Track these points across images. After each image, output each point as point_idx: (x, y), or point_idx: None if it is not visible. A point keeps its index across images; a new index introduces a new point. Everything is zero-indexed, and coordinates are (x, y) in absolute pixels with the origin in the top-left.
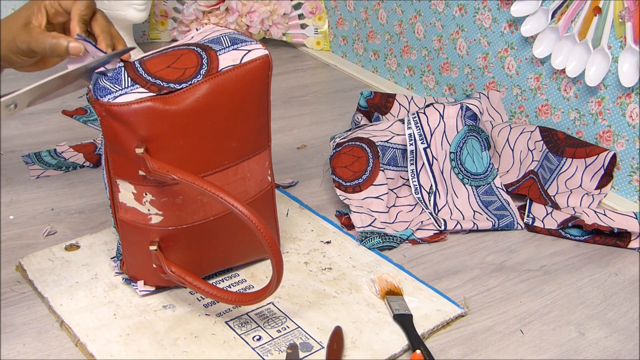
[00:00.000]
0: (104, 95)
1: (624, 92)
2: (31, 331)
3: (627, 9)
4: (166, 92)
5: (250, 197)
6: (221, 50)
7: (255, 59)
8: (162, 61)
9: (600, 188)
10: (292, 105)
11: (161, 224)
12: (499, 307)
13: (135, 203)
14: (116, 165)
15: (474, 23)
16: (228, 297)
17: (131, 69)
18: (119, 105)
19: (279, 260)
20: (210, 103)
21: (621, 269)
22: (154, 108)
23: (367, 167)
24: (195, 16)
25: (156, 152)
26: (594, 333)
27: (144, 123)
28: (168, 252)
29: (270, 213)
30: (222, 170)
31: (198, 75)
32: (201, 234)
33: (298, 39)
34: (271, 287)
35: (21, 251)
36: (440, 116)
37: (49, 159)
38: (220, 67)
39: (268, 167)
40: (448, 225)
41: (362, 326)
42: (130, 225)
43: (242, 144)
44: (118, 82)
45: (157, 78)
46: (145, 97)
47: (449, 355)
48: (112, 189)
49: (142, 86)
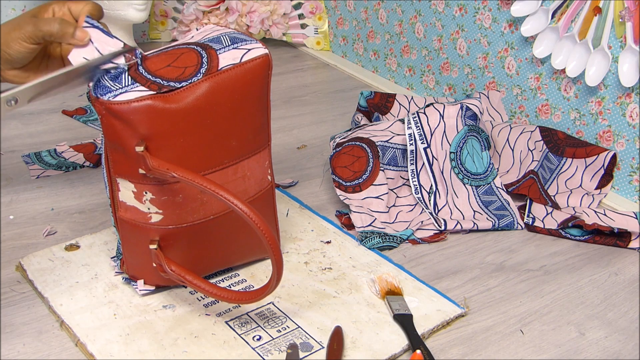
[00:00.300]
0: (104, 93)
1: (624, 92)
2: (31, 331)
3: (627, 9)
4: (166, 90)
5: (250, 196)
6: (221, 49)
7: (255, 58)
8: (162, 60)
9: (600, 188)
10: (292, 105)
11: (161, 222)
12: (499, 307)
13: (135, 202)
14: (116, 163)
15: (474, 23)
16: (228, 296)
17: (131, 67)
18: (119, 103)
19: (279, 258)
20: (210, 102)
21: (621, 269)
22: (154, 106)
23: (367, 167)
24: (195, 16)
25: (156, 151)
26: (594, 333)
27: (144, 121)
28: (168, 251)
29: (270, 213)
30: (221, 169)
31: (198, 73)
32: (201, 233)
33: (298, 39)
34: (271, 285)
35: (21, 251)
36: (440, 116)
37: (49, 159)
38: (220, 65)
39: (268, 167)
40: (448, 225)
41: (362, 326)
42: (130, 224)
43: (241, 143)
44: (118, 81)
45: (157, 76)
46: (146, 95)
47: (449, 355)
48: (112, 187)
49: (142, 84)
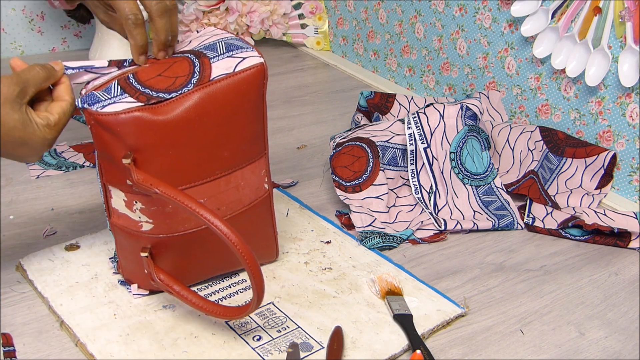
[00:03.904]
0: (93, 103)
1: (624, 92)
2: (31, 331)
3: (627, 8)
4: (155, 102)
5: (244, 205)
6: (215, 58)
7: (249, 68)
8: (153, 69)
9: (600, 188)
10: (292, 105)
11: (152, 231)
12: (499, 307)
13: (126, 210)
14: (107, 172)
15: (474, 23)
16: (213, 310)
17: (122, 76)
18: (107, 114)
19: (259, 281)
20: (200, 113)
21: (621, 269)
22: (142, 118)
23: (367, 167)
24: (195, 16)
25: (144, 162)
26: (594, 333)
27: (132, 133)
28: (160, 258)
29: (268, 219)
30: (213, 180)
31: (189, 84)
32: (193, 242)
33: (298, 39)
34: (251, 306)
35: (21, 251)
36: (440, 116)
37: (49, 159)
38: (213, 75)
39: (265, 175)
40: (448, 225)
41: (362, 326)
42: (123, 231)
43: (234, 154)
44: (107, 91)
45: (147, 87)
46: (134, 107)
47: (449, 355)
48: (105, 193)
49: (131, 95)
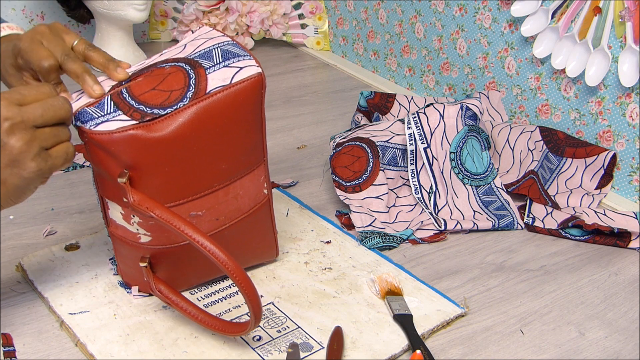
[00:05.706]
0: (86, 121)
1: (624, 92)
2: (31, 331)
3: (627, 9)
4: (149, 119)
5: (244, 212)
6: (211, 68)
7: (247, 78)
8: (148, 82)
9: (600, 188)
10: (292, 105)
11: (150, 243)
12: (499, 307)
13: (124, 222)
14: (103, 186)
15: (474, 23)
16: (212, 324)
17: (115, 90)
18: (100, 133)
19: (257, 311)
20: (195, 128)
21: (621, 269)
22: (137, 136)
23: (367, 167)
24: (195, 16)
25: (141, 179)
26: (594, 333)
27: (127, 152)
28: (159, 267)
29: (267, 223)
30: (211, 192)
31: (184, 98)
32: (192, 250)
33: (298, 39)
34: (249, 326)
35: (21, 251)
36: (440, 116)
37: None
38: (209, 88)
39: (264, 181)
40: (448, 225)
41: (362, 326)
42: (121, 240)
43: (232, 165)
44: (100, 107)
45: (141, 102)
46: (128, 125)
47: (449, 355)
48: (102, 204)
49: (125, 112)
